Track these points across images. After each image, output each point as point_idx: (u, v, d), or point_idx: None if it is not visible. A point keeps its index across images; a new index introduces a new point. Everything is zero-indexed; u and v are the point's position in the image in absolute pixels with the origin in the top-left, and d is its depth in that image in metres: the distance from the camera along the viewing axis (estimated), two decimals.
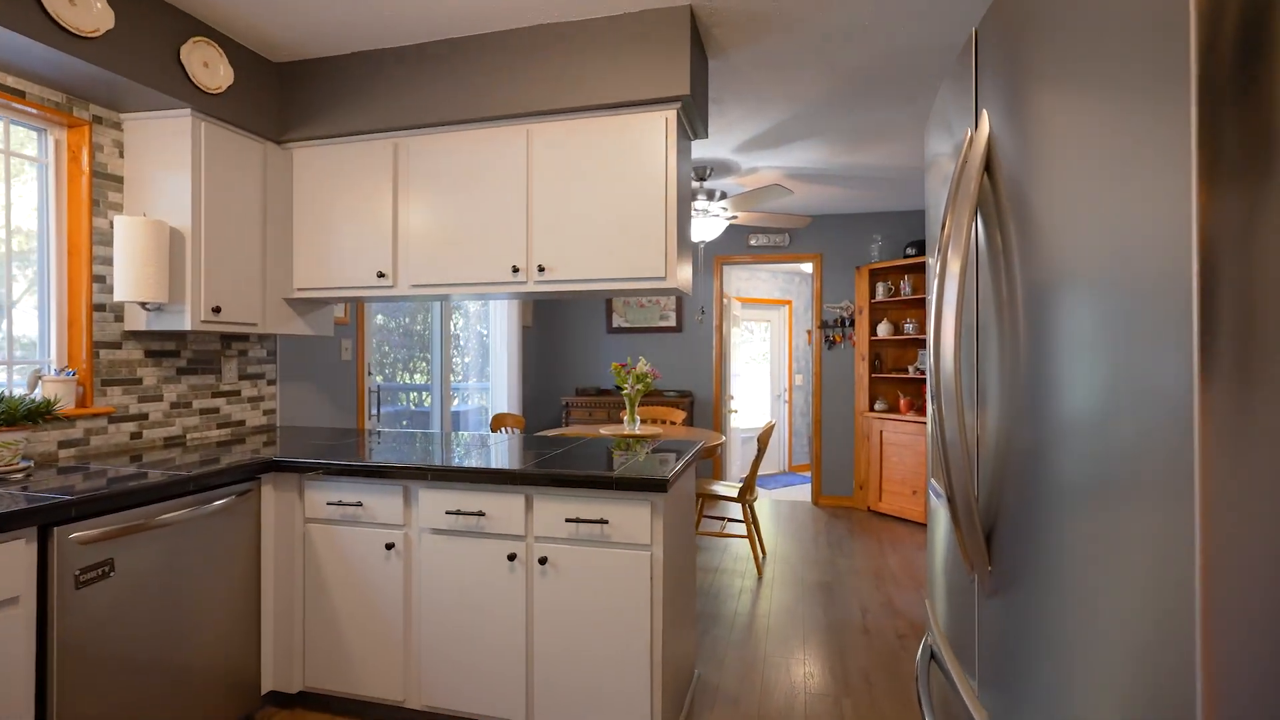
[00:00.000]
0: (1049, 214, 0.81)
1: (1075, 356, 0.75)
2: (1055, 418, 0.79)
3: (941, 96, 1.54)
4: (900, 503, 5.24)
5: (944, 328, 1.05)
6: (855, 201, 5.26)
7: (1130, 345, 0.63)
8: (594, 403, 5.71)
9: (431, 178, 2.55)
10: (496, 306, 5.53)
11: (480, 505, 2.09)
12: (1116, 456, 0.65)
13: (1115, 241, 0.67)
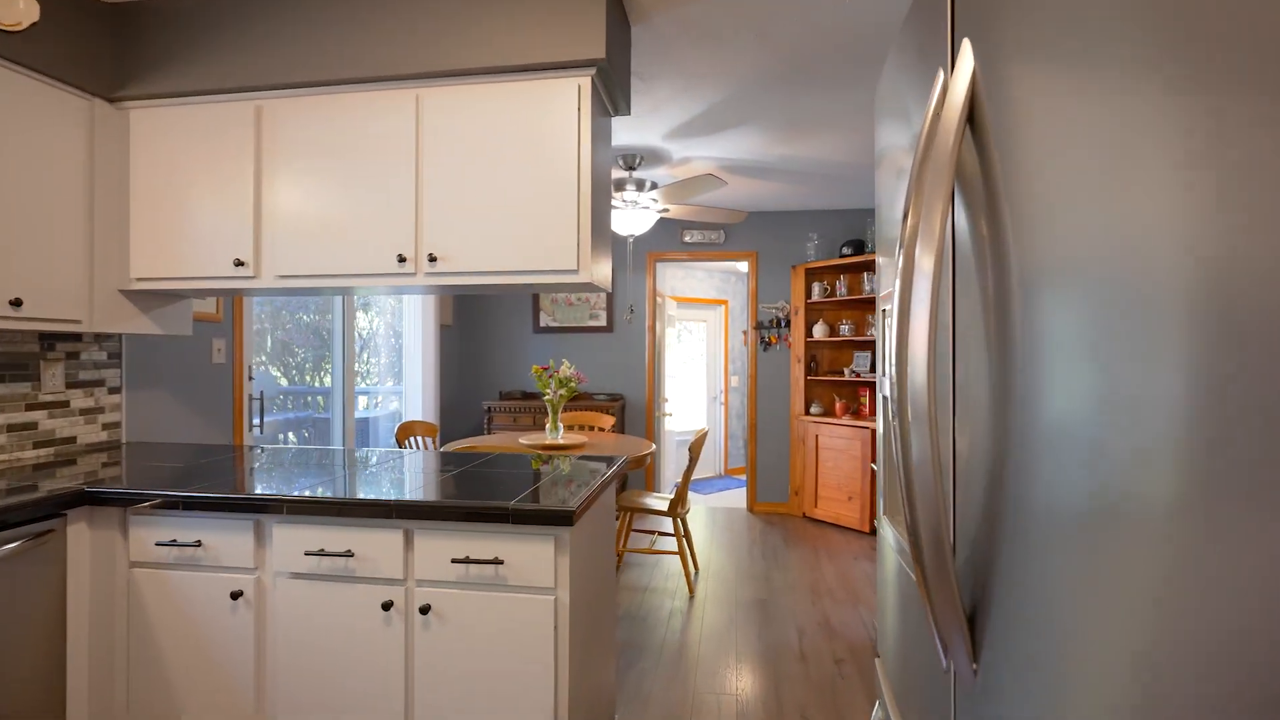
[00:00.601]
0: (1063, 184, 0.54)
1: (1125, 363, 0.47)
2: (1093, 447, 0.51)
3: (891, 68, 1.28)
4: (835, 509, 5.09)
5: (914, 334, 0.77)
6: (791, 198, 5.08)
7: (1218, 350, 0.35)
8: (519, 407, 5.33)
9: (302, 148, 2.14)
10: (410, 302, 5.08)
11: (348, 543, 1.72)
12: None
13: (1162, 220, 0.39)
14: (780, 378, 5.57)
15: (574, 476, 2.02)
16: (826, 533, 4.93)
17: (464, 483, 1.92)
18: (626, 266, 5.68)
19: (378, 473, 2.06)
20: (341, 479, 1.95)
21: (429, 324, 5.13)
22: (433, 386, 5.16)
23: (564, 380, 3.82)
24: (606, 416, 4.68)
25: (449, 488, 1.85)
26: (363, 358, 5.46)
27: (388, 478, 1.98)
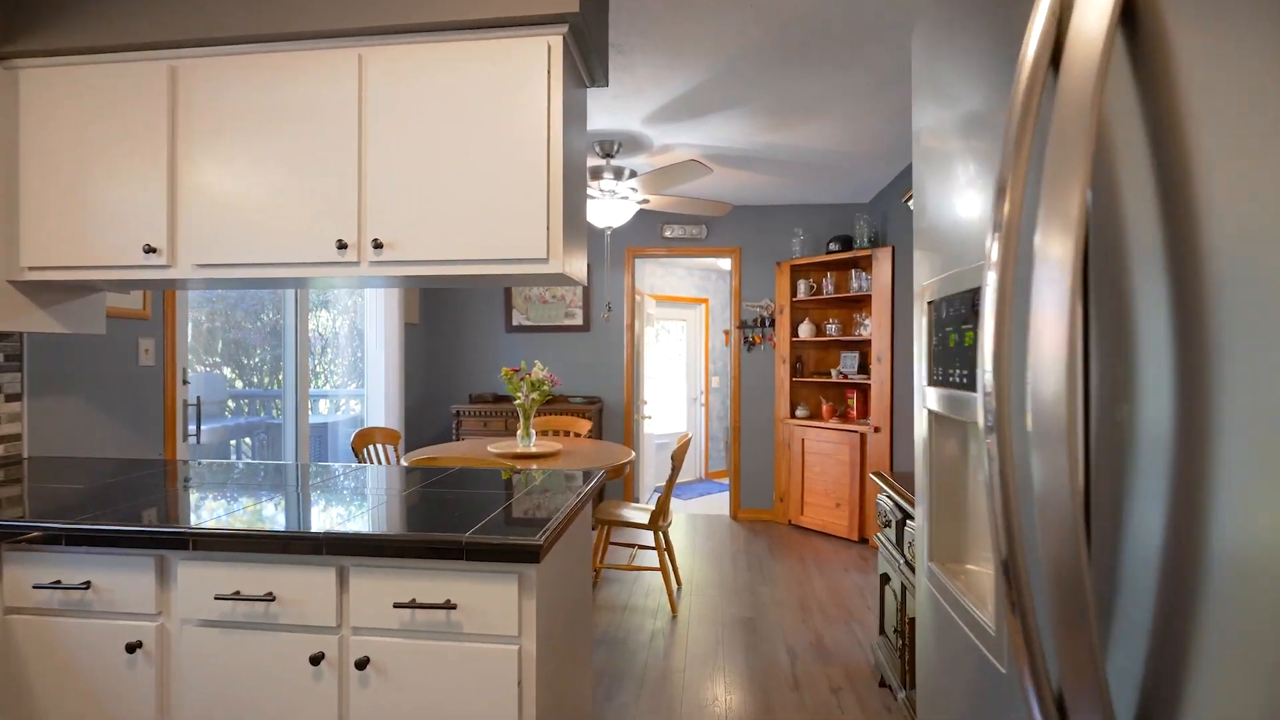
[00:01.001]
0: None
1: None
2: None
3: (929, 25, 1.04)
4: (823, 516, 4.88)
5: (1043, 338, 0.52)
6: (777, 192, 4.86)
7: None
8: (490, 411, 5.03)
9: (224, 116, 1.84)
10: (372, 299, 4.74)
11: (270, 584, 1.43)
12: None
13: None
14: (764, 379, 5.34)
15: (543, 499, 1.75)
16: (814, 541, 4.71)
17: (417, 507, 1.63)
18: (604, 261, 5.41)
19: (319, 494, 1.76)
20: (273, 503, 1.66)
21: (392, 322, 4.80)
22: (396, 389, 4.83)
23: (536, 383, 3.54)
24: (582, 421, 4.41)
25: (396, 514, 1.57)
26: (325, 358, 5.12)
27: (329, 500, 1.69)
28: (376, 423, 4.73)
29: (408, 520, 1.52)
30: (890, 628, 2.51)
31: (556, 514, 1.56)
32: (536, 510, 1.61)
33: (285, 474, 2.04)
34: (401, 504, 1.67)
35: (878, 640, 2.70)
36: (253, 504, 1.64)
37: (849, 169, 4.27)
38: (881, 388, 4.52)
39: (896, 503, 2.40)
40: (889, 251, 4.46)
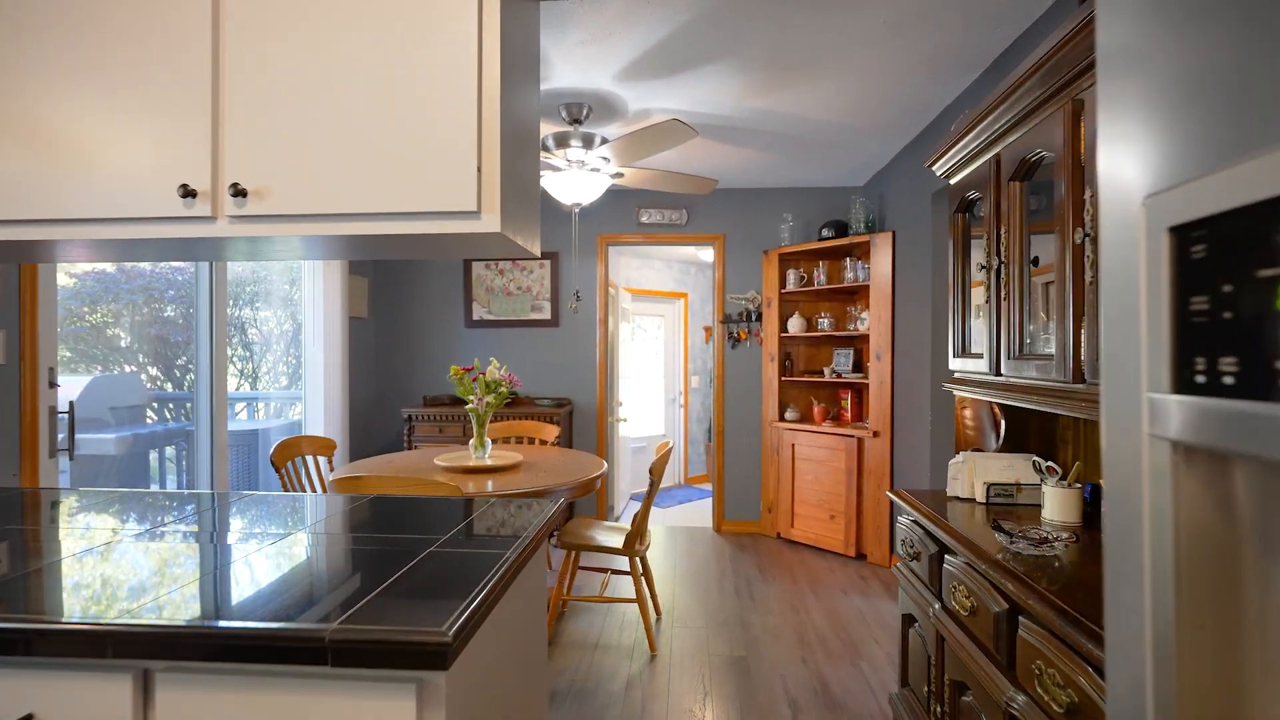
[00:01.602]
0: None
1: None
2: None
3: None
4: (815, 529, 4.44)
5: None
6: (765, 172, 4.40)
7: None
8: (446, 415, 4.50)
9: (13, 9, 1.31)
10: (310, 285, 4.18)
11: (31, 700, 0.92)
12: None
13: None
14: (750, 378, 4.89)
15: (473, 553, 1.25)
16: (806, 558, 4.27)
17: (289, 569, 1.13)
18: (573, 246, 4.91)
19: (156, 543, 1.25)
20: (78, 563, 1.14)
21: (333, 315, 4.25)
22: (339, 391, 4.28)
23: (492, 384, 3.04)
24: (549, 426, 3.91)
25: (250, 580, 1.06)
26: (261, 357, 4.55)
27: (164, 558, 1.17)
28: (316, 430, 4.17)
29: (265, 591, 1.01)
30: (918, 682, 2.06)
31: (485, 580, 1.07)
32: (461, 571, 1.11)
33: (129, 508, 1.51)
34: (271, 561, 1.16)
35: (898, 693, 2.25)
36: (36, 566, 1.12)
37: (846, 144, 3.83)
38: (881, 388, 4.09)
39: (929, 531, 1.95)
40: (889, 237, 4.04)
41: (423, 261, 4.99)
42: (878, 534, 4.11)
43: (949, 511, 1.98)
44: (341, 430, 4.29)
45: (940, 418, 3.45)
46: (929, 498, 2.16)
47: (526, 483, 2.72)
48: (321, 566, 1.14)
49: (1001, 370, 1.81)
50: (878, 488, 4.10)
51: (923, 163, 2.20)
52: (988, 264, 1.87)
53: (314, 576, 1.08)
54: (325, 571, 1.11)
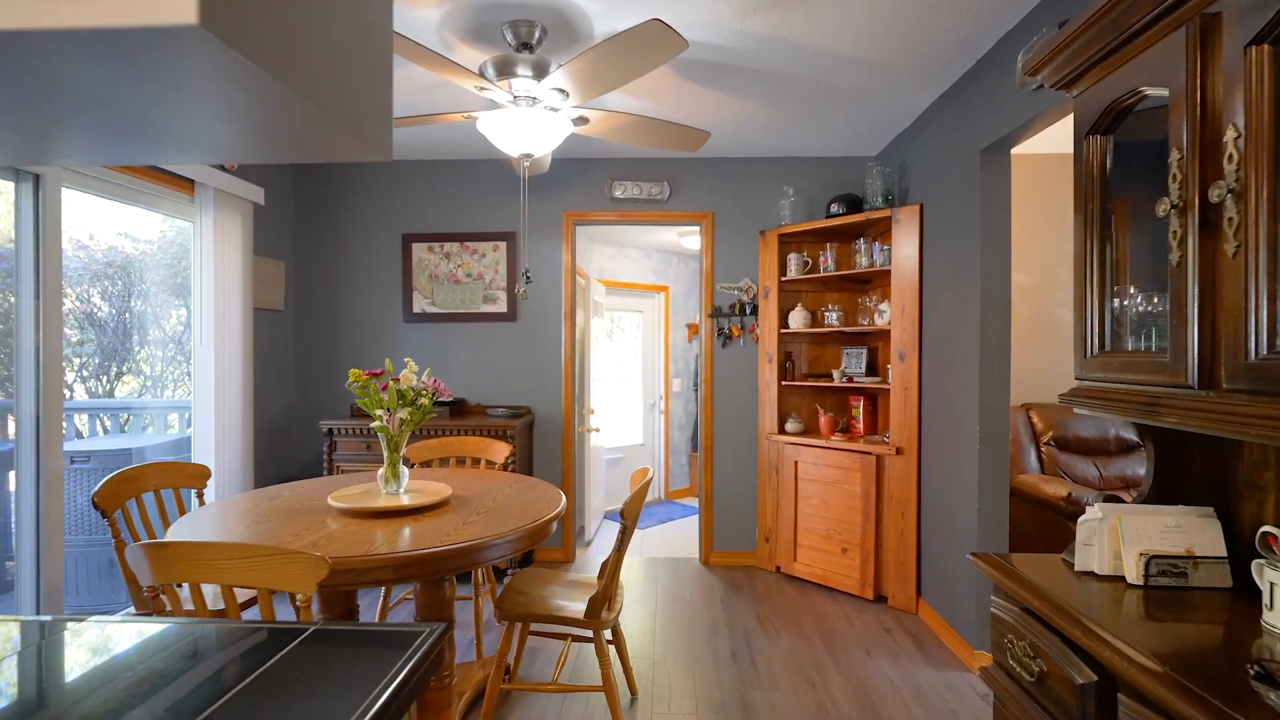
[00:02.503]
0: None
1: None
2: None
3: None
4: (824, 564, 3.70)
5: None
6: (763, 135, 3.65)
7: None
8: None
9: None
10: (200, 268, 3.34)
11: None
12: None
13: None
14: (744, 383, 4.14)
15: None
16: (815, 600, 3.53)
17: None
18: (522, 212, 4.11)
19: None
20: None
21: (231, 304, 3.41)
22: (238, 399, 3.44)
23: (408, 394, 2.24)
24: (498, 444, 3.11)
25: None
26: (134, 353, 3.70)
27: None
28: (206, 449, 3.32)
29: None
30: None
31: None
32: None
33: None
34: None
35: None
36: None
37: (864, 93, 3.10)
38: (906, 395, 3.36)
39: (1074, 644, 1.20)
40: (914, 212, 3.31)
41: (354, 244, 4.17)
42: (901, 572, 3.38)
43: (1087, 596, 1.25)
44: (242, 448, 3.45)
45: (992, 435, 2.72)
46: (1037, 568, 1.42)
47: (450, 533, 1.93)
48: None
49: (1223, 382, 1.06)
50: (901, 516, 3.37)
51: (1024, 69, 1.44)
52: (1181, 199, 1.13)
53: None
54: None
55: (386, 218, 4.16)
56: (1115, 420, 3.72)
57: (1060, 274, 4.03)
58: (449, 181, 4.14)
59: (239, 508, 2.21)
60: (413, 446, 3.13)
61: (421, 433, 3.63)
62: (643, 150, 3.96)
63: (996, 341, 2.71)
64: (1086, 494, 3.06)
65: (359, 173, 4.16)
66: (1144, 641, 1.06)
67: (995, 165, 2.71)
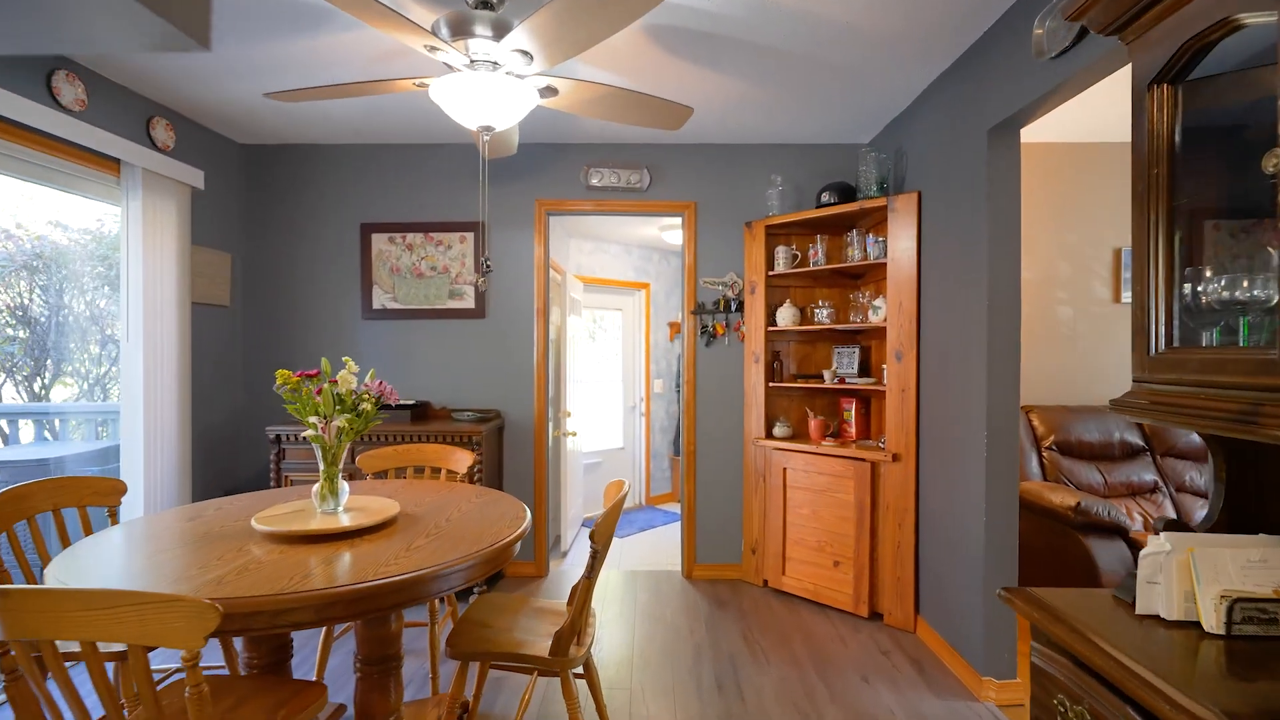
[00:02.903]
0: None
1: None
2: None
3: None
4: (815, 578, 3.46)
5: None
6: (749, 119, 3.40)
7: None
8: None
9: None
10: (129, 257, 3.01)
11: None
12: None
13: None
14: (729, 383, 3.89)
15: None
16: (805, 618, 3.28)
17: None
18: (481, 192, 3.82)
19: None
20: None
21: (165, 298, 3.08)
22: (172, 403, 3.11)
23: (348, 398, 1.95)
24: (460, 453, 2.83)
25: None
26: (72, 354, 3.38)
27: None
28: (135, 458, 2.99)
29: None
30: None
31: None
32: None
33: None
34: None
35: None
36: None
37: (861, 68, 2.86)
38: (903, 398, 3.13)
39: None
40: (912, 201, 3.08)
41: (308, 234, 3.85)
42: (898, 587, 3.14)
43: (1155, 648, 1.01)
44: (177, 458, 3.12)
45: (1000, 441, 2.49)
46: (1086, 609, 1.18)
47: (389, 562, 1.65)
48: None
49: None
50: (897, 527, 3.14)
51: (1069, 13, 1.19)
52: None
53: None
54: None
55: (343, 206, 3.85)
56: (1120, 422, 3.52)
57: (1062, 270, 3.83)
58: (412, 167, 3.84)
59: (146, 532, 1.90)
60: (366, 455, 2.83)
61: (376, 439, 3.33)
62: (620, 134, 3.69)
63: (1005, 339, 2.48)
64: (1096, 503, 2.85)
65: (314, 158, 3.84)
66: (1230, 707, 0.82)
67: (1004, 146, 2.47)
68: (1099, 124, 3.55)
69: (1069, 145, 3.81)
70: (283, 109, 3.32)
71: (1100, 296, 3.83)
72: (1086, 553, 2.82)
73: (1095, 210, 3.82)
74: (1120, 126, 3.59)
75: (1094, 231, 3.83)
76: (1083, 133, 3.68)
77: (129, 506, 2.94)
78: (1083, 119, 3.48)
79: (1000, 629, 2.50)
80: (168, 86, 3.03)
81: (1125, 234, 3.82)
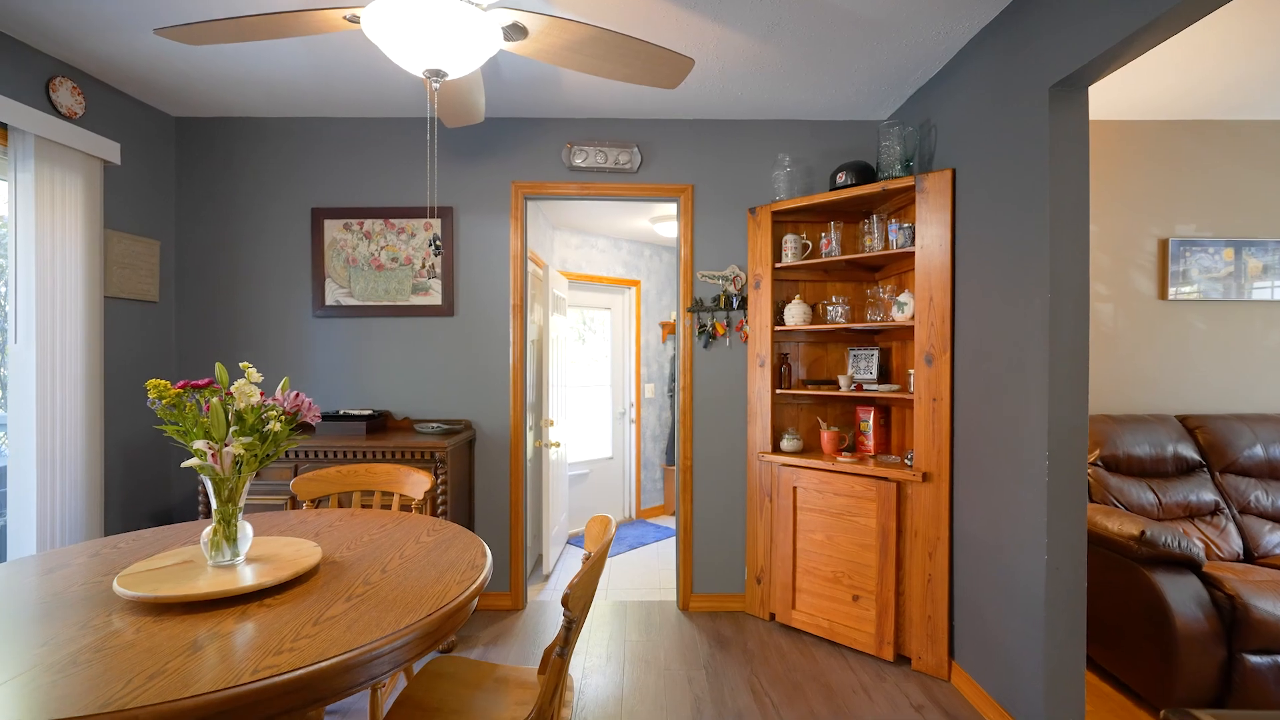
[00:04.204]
0: None
1: None
2: None
3: None
4: (830, 613, 3.02)
5: None
6: (754, 84, 2.97)
7: None
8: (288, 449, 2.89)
9: None
10: (18, 242, 2.53)
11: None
12: None
13: None
14: (731, 390, 3.45)
15: None
16: (821, 662, 2.84)
17: None
18: (428, 174, 3.36)
19: None
20: None
21: (69, 288, 2.60)
22: (78, 416, 2.63)
23: (252, 418, 1.50)
24: (417, 475, 2.38)
25: None
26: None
27: None
28: (25, 481, 2.50)
29: None
30: None
31: None
32: None
33: None
34: None
35: None
36: None
37: (887, 23, 2.44)
38: (934, 407, 2.70)
39: None
40: (946, 179, 2.66)
41: (251, 220, 3.38)
42: (929, 628, 2.72)
43: None
44: (85, 481, 2.64)
45: (1066, 463, 2.06)
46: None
47: (290, 643, 1.20)
48: None
49: None
50: (928, 558, 2.71)
51: None
52: None
53: None
54: None
55: (292, 188, 3.38)
56: (1172, 434, 3.12)
57: (1100, 262, 3.42)
58: (371, 142, 3.38)
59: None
60: (303, 479, 2.37)
61: (321, 457, 2.86)
62: (607, 107, 3.25)
63: (1072, 340, 2.06)
64: (1163, 531, 2.44)
65: (258, 133, 3.37)
66: None
67: (1070, 107, 2.05)
68: (1141, 99, 3.15)
69: (1107, 123, 3.41)
70: (215, 74, 2.85)
71: (1144, 292, 3.43)
72: (1154, 591, 2.40)
73: (1138, 196, 3.42)
74: (1169, 100, 3.19)
75: (1136, 220, 3.43)
76: (1123, 109, 3.28)
77: (18, 541, 2.45)
78: (1124, 94, 3.08)
79: (1066, 689, 2.08)
80: (73, 41, 2.55)
81: (1171, 222, 3.42)
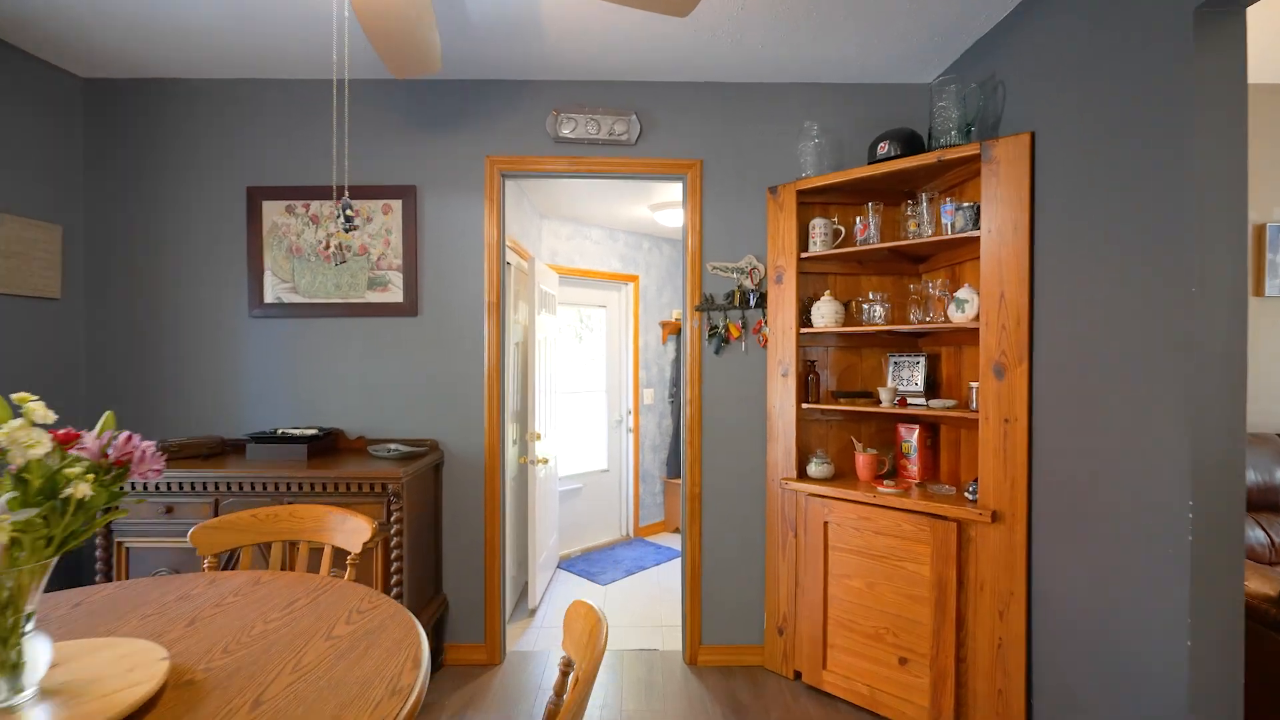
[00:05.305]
0: None
1: None
2: None
3: None
4: (870, 676, 2.49)
5: None
6: (774, 34, 2.43)
7: None
8: (206, 486, 2.37)
9: None
10: None
11: None
12: None
13: None
14: (747, 403, 2.92)
15: None
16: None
17: None
18: (335, 132, 2.82)
19: None
20: None
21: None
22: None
23: (39, 478, 0.96)
24: (354, 519, 1.85)
25: None
26: None
27: None
28: None
29: None
30: None
31: None
32: None
33: None
34: None
35: None
36: None
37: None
38: (1006, 429, 2.17)
39: None
40: (1024, 145, 2.13)
41: (177, 201, 2.83)
42: (1000, 705, 2.19)
43: None
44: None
45: (1218, 514, 1.53)
46: None
47: None
48: None
49: None
50: (999, 617, 2.19)
51: None
52: None
53: None
54: None
55: (224, 163, 2.84)
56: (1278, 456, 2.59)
57: None
58: (318, 111, 2.84)
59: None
60: (204, 528, 1.83)
61: (244, 490, 2.32)
62: (600, 67, 2.71)
63: (1225, 350, 1.53)
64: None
65: (181, 97, 2.82)
66: None
67: (1221, 34, 1.52)
68: None
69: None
70: (122, 20, 2.31)
71: None
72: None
73: None
74: (1263, 64, 2.66)
75: None
76: None
77: None
78: None
79: None
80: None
81: (1270, 204, 2.90)
